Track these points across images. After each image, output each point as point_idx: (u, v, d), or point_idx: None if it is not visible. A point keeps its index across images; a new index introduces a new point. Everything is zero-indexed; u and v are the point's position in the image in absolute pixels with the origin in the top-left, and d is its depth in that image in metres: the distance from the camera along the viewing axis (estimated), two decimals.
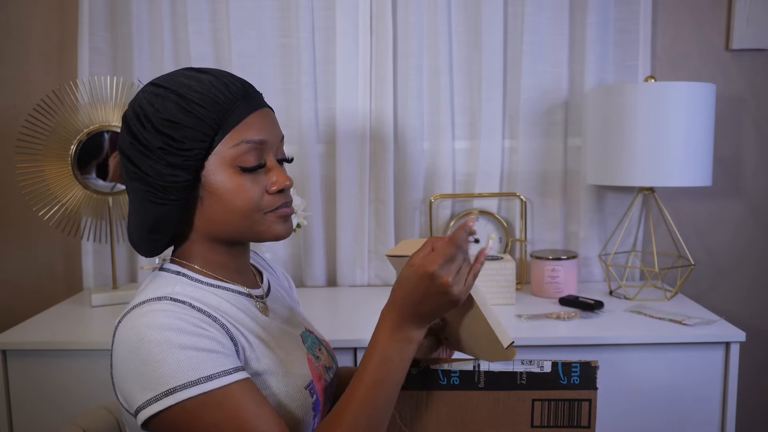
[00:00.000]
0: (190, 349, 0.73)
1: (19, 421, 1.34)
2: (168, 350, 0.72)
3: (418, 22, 1.70)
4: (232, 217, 0.82)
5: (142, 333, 0.73)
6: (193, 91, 0.80)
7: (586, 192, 1.73)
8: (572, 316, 1.43)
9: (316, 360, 0.93)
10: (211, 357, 0.74)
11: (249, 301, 0.89)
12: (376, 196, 1.76)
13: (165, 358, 0.72)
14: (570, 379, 0.84)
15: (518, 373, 0.84)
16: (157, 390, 0.72)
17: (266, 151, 0.84)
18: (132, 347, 0.73)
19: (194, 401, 0.71)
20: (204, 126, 0.80)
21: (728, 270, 1.81)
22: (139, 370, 0.73)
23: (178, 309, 0.76)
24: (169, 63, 1.73)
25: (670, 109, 1.45)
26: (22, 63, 1.79)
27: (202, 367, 0.72)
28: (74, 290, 1.84)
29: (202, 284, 0.85)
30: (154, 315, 0.75)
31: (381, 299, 1.61)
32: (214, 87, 0.81)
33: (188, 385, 0.71)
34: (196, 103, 0.80)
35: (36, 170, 1.58)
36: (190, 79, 0.82)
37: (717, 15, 1.74)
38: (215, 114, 0.80)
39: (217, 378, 0.73)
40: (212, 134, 0.80)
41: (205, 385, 0.72)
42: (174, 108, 0.80)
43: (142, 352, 0.72)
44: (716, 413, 1.32)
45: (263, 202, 0.83)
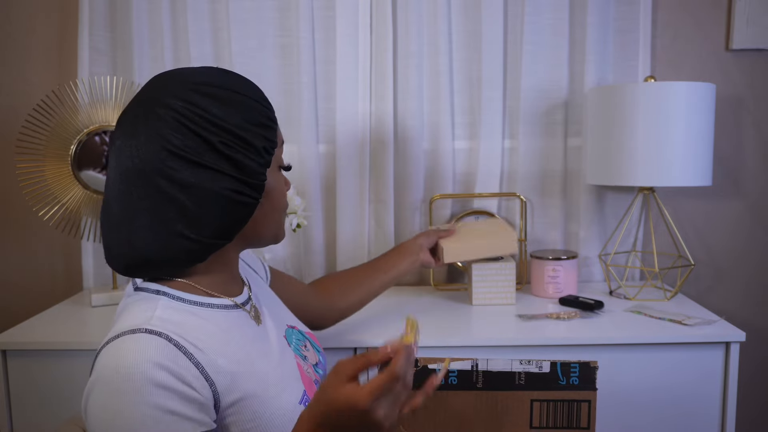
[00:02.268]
0: (149, 407, 0.69)
1: (19, 421, 1.34)
2: (127, 404, 0.69)
3: (418, 22, 1.70)
4: (276, 215, 0.87)
5: (109, 378, 0.70)
6: (251, 89, 0.83)
7: (586, 192, 1.73)
8: (572, 316, 1.43)
9: (304, 361, 0.92)
10: (167, 419, 0.70)
11: (239, 314, 0.86)
12: (376, 196, 1.76)
13: (122, 412, 0.69)
14: (569, 380, 0.84)
15: (517, 373, 0.84)
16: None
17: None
18: (99, 391, 0.71)
19: None
20: (275, 126, 0.85)
21: (728, 270, 1.81)
22: (99, 417, 0.71)
23: (153, 347, 0.71)
24: (169, 63, 1.73)
25: (670, 109, 1.45)
26: (22, 63, 1.79)
27: (156, 429, 0.70)
28: (74, 290, 1.84)
29: (184, 303, 0.80)
30: (125, 356, 0.71)
31: (380, 299, 1.61)
32: (252, 85, 0.85)
33: None
34: (264, 105, 0.83)
35: (36, 170, 1.58)
36: (247, 82, 0.84)
37: (717, 15, 1.74)
38: (273, 116, 0.85)
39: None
40: (277, 131, 0.86)
41: None
42: (259, 109, 0.82)
43: (104, 400, 0.70)
44: (716, 413, 1.32)
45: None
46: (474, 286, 1.54)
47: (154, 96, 0.78)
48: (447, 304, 1.57)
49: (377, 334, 1.33)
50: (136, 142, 0.76)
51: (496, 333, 1.34)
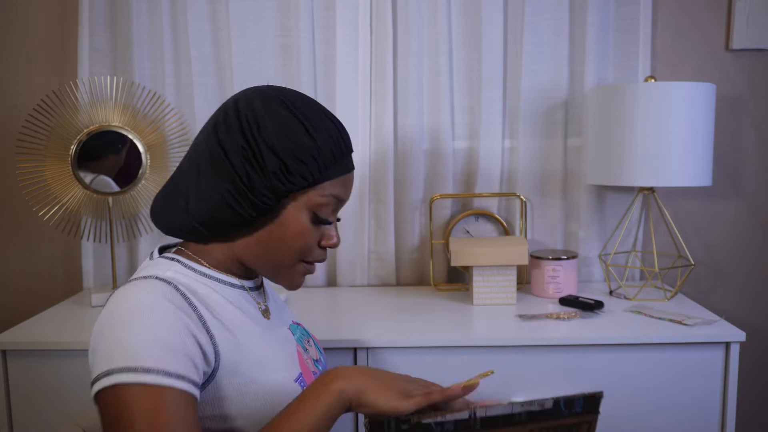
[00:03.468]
0: (145, 336, 0.72)
1: (19, 421, 1.34)
2: (126, 332, 0.72)
3: (418, 22, 1.70)
4: (280, 250, 0.85)
5: (114, 311, 0.75)
6: (320, 129, 0.83)
7: (586, 192, 1.73)
8: (572, 316, 1.43)
9: (305, 352, 0.94)
10: (160, 353, 0.72)
11: (245, 297, 0.90)
12: (376, 196, 1.76)
13: (120, 338, 0.72)
14: (572, 411, 0.83)
15: (517, 413, 0.82)
16: (100, 369, 0.72)
17: (338, 209, 0.89)
18: (102, 323, 0.75)
19: (124, 388, 0.70)
20: (315, 168, 0.83)
21: (728, 270, 1.81)
22: (98, 344, 0.74)
23: (160, 289, 0.77)
24: (169, 63, 1.73)
25: (670, 109, 1.45)
26: (23, 63, 1.79)
27: (146, 358, 0.71)
28: (74, 290, 1.84)
29: (194, 272, 0.85)
30: (132, 294, 0.76)
31: (381, 299, 1.61)
32: (337, 134, 0.85)
33: (124, 369, 0.70)
34: (317, 143, 0.82)
35: (36, 170, 1.58)
36: (320, 116, 0.84)
37: (717, 15, 1.74)
38: (328, 161, 0.83)
39: (155, 374, 0.71)
40: (319, 177, 0.83)
41: (140, 376, 0.70)
42: (302, 140, 0.82)
43: (106, 329, 0.74)
44: (716, 413, 1.32)
45: (313, 252, 0.87)
46: (474, 286, 1.55)
47: (238, 95, 0.87)
48: (447, 304, 1.57)
49: (377, 333, 1.33)
50: (207, 123, 0.87)
51: (497, 333, 1.34)
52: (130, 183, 1.62)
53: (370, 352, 1.31)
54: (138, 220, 1.70)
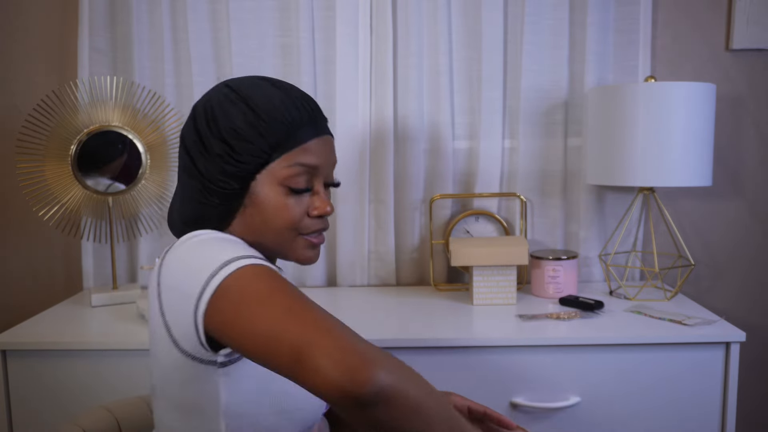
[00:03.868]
0: (237, 245, 0.76)
1: (19, 421, 1.34)
2: (220, 243, 0.76)
3: (418, 22, 1.70)
4: (268, 231, 0.85)
5: (192, 244, 0.76)
6: (263, 105, 0.83)
7: (586, 192, 1.73)
8: (572, 316, 1.43)
9: None
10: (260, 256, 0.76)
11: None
12: (376, 196, 1.76)
13: (216, 246, 0.75)
14: None
15: None
16: (210, 271, 0.72)
17: (317, 177, 0.87)
18: (183, 256, 0.76)
19: (247, 269, 0.71)
20: (264, 143, 0.83)
21: (728, 270, 1.81)
22: (192, 267, 0.73)
23: (225, 234, 0.81)
24: (169, 63, 1.73)
25: (670, 109, 1.46)
26: (23, 63, 1.79)
27: (249, 253, 0.75)
28: (74, 290, 1.84)
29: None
30: (204, 234, 0.79)
31: (381, 299, 1.61)
32: (284, 105, 0.84)
33: (238, 258, 0.73)
34: (262, 119, 0.83)
35: (36, 170, 1.58)
36: (263, 91, 0.85)
37: (717, 15, 1.74)
38: (278, 133, 0.83)
39: (266, 262, 0.75)
40: (270, 151, 0.83)
41: (256, 260, 0.73)
42: (241, 119, 0.83)
43: (192, 253, 0.75)
44: (716, 413, 1.32)
45: (301, 224, 0.86)
46: (475, 286, 1.55)
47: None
48: (447, 304, 1.57)
49: (377, 333, 1.33)
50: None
51: (497, 333, 1.34)
52: (130, 183, 1.62)
53: None
54: (138, 220, 1.70)
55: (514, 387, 1.32)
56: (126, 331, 1.37)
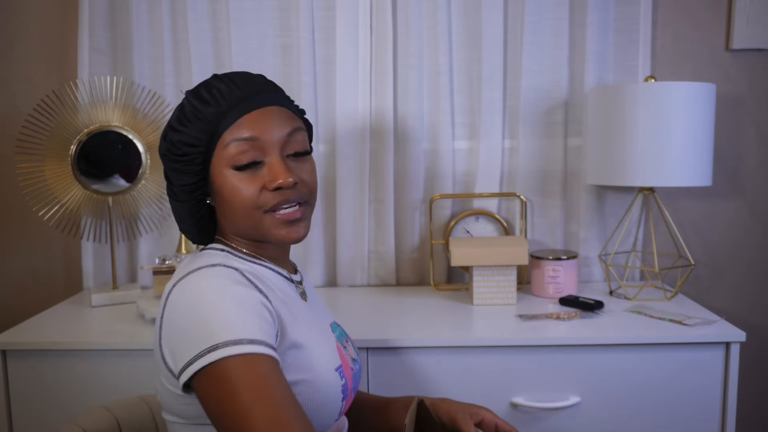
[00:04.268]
0: (240, 311, 0.75)
1: (19, 421, 1.34)
2: (220, 310, 0.75)
3: (418, 22, 1.70)
4: (237, 216, 0.86)
5: (200, 294, 0.77)
6: (194, 99, 0.86)
7: (586, 192, 1.73)
8: (572, 316, 1.43)
9: (344, 349, 0.95)
10: (257, 322, 0.76)
11: (289, 285, 0.92)
12: (376, 196, 1.76)
13: (216, 317, 0.74)
14: None
15: None
16: (202, 347, 0.73)
17: (264, 148, 0.85)
18: (188, 308, 0.76)
19: (231, 361, 0.72)
20: (194, 132, 0.85)
21: (728, 270, 1.81)
22: (191, 329, 0.75)
23: (229, 273, 0.80)
24: (169, 63, 1.73)
25: (670, 109, 1.45)
26: (23, 63, 1.79)
27: (248, 329, 0.74)
28: (74, 290, 1.84)
29: (245, 260, 0.89)
30: (211, 279, 0.78)
31: (381, 299, 1.61)
32: (212, 95, 0.85)
33: (230, 343, 0.73)
34: (190, 112, 0.85)
35: (36, 170, 1.58)
36: (201, 86, 0.87)
37: (717, 15, 1.74)
38: (206, 121, 0.85)
39: (258, 345, 0.74)
40: (205, 140, 0.85)
41: (246, 347, 0.73)
42: (175, 117, 0.87)
43: (196, 313, 0.75)
44: (716, 413, 1.32)
45: (260, 200, 0.85)
46: (475, 286, 1.55)
47: None
48: (447, 304, 1.57)
49: (377, 333, 1.33)
50: None
51: (497, 333, 1.34)
52: (130, 183, 1.62)
53: (370, 352, 1.31)
54: (138, 220, 1.70)
55: (514, 387, 1.32)
56: (126, 331, 1.37)
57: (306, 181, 0.88)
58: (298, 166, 0.87)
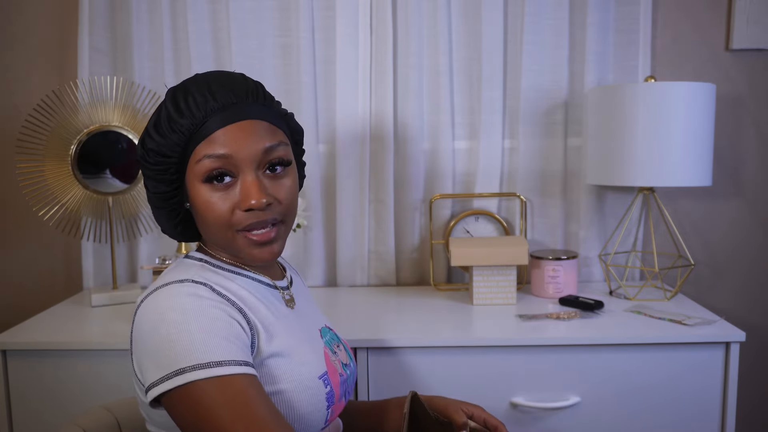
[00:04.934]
0: (205, 333, 0.74)
1: (19, 421, 1.34)
2: (184, 332, 0.74)
3: (418, 22, 1.70)
4: (210, 231, 0.85)
5: (163, 314, 0.75)
6: (171, 105, 0.82)
7: (586, 192, 1.73)
8: (572, 316, 1.43)
9: (333, 355, 0.94)
10: (224, 344, 0.75)
11: (272, 293, 0.91)
12: (376, 196, 1.76)
13: (180, 339, 0.73)
14: None
15: None
16: (168, 369, 0.73)
17: (238, 165, 0.81)
18: (152, 327, 0.75)
19: (200, 384, 0.72)
20: (167, 143, 0.82)
21: (728, 270, 1.81)
22: (155, 349, 0.74)
23: (200, 291, 0.78)
24: (169, 63, 1.73)
25: (670, 109, 1.45)
26: (23, 63, 1.79)
27: (214, 352, 0.73)
28: (74, 290, 1.84)
29: (223, 271, 0.87)
30: (176, 297, 0.77)
31: (381, 299, 1.61)
32: (188, 105, 0.81)
33: (197, 367, 0.72)
34: (165, 120, 0.82)
35: (36, 170, 1.58)
36: (179, 91, 0.83)
37: (717, 15, 1.74)
38: (179, 133, 0.81)
39: (227, 365, 0.73)
40: (178, 151, 0.82)
41: (214, 370, 0.72)
42: (154, 120, 0.84)
43: (161, 332, 0.74)
44: (716, 413, 1.32)
45: (233, 219, 0.82)
46: (475, 286, 1.55)
47: None
48: (447, 304, 1.57)
49: (377, 333, 1.33)
50: None
51: (496, 333, 1.34)
52: (130, 183, 1.62)
53: (370, 352, 1.31)
54: (138, 220, 1.70)
55: (514, 387, 1.32)
56: (126, 331, 1.37)
57: (281, 199, 0.84)
58: (273, 184, 0.83)
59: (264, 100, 0.86)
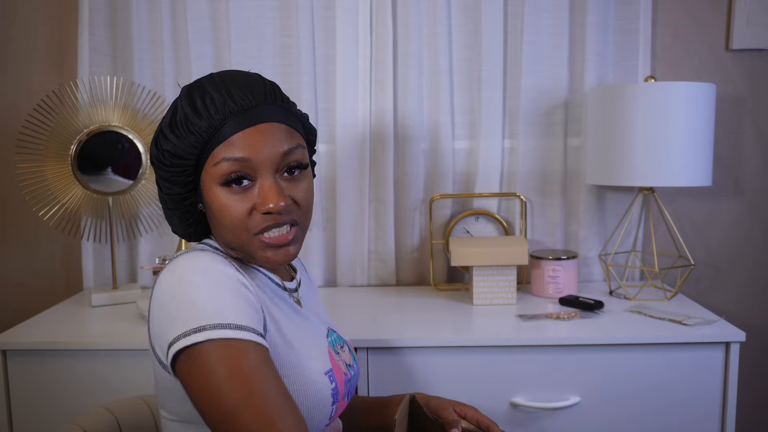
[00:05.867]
0: (227, 295, 0.74)
1: (19, 421, 1.34)
2: (206, 291, 0.74)
3: (418, 22, 1.70)
4: (225, 233, 0.84)
5: (184, 275, 0.75)
6: (187, 106, 0.81)
7: (586, 192, 1.73)
8: (572, 316, 1.43)
9: (337, 355, 0.94)
10: (245, 309, 0.75)
11: (281, 293, 0.91)
12: (376, 196, 1.76)
13: (202, 297, 0.73)
14: None
15: None
16: (188, 326, 0.72)
17: (257, 168, 0.81)
18: (172, 288, 0.75)
19: (219, 344, 0.71)
20: (184, 144, 0.81)
21: (728, 270, 1.81)
22: (176, 307, 0.74)
23: (221, 258, 0.79)
24: (169, 63, 1.73)
25: (670, 109, 1.46)
26: (22, 63, 1.79)
27: (235, 315, 0.73)
28: (74, 290, 1.84)
29: (235, 261, 0.87)
30: (198, 260, 0.77)
31: (381, 299, 1.61)
32: (205, 106, 0.80)
33: (218, 326, 0.72)
34: (182, 121, 0.81)
35: (36, 170, 1.58)
36: (196, 90, 0.82)
37: (717, 15, 1.74)
38: (197, 135, 0.81)
39: (246, 330, 0.73)
40: (195, 153, 0.82)
41: (234, 332, 0.72)
42: (168, 121, 0.83)
43: (180, 291, 0.74)
44: (716, 413, 1.32)
45: (250, 222, 0.82)
46: (475, 286, 1.55)
47: None
48: (447, 304, 1.57)
49: (377, 333, 1.33)
50: None
51: (496, 333, 1.34)
52: (133, 179, 1.62)
53: (370, 352, 1.32)
54: (138, 220, 1.70)
55: (513, 387, 1.32)
56: (126, 331, 1.37)
57: (299, 201, 0.84)
58: (291, 186, 0.84)
59: (281, 102, 0.86)
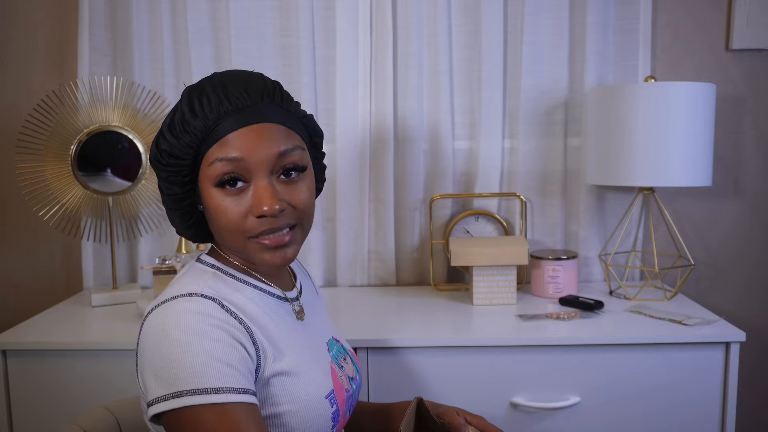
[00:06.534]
0: (207, 357, 0.73)
1: (19, 421, 1.34)
2: (187, 353, 0.72)
3: (418, 22, 1.70)
4: (222, 234, 0.83)
5: (168, 332, 0.74)
6: (185, 105, 0.81)
7: (586, 192, 1.73)
8: (572, 316, 1.43)
9: (340, 369, 0.92)
10: (225, 370, 0.73)
11: (282, 306, 0.89)
12: (376, 196, 1.76)
13: (182, 360, 0.72)
14: None
15: None
16: (167, 390, 0.72)
17: (251, 170, 0.79)
18: (156, 344, 0.74)
19: (197, 409, 0.71)
20: (180, 144, 0.80)
21: (728, 270, 1.81)
22: (157, 365, 0.74)
23: (208, 308, 0.77)
24: (169, 63, 1.73)
25: (670, 109, 1.46)
26: (22, 63, 1.79)
27: (213, 378, 0.72)
28: (74, 290, 1.84)
29: (234, 280, 0.85)
30: (182, 314, 0.75)
31: (381, 299, 1.61)
32: (201, 106, 0.79)
33: (195, 392, 0.71)
34: (179, 121, 0.80)
35: (36, 170, 1.58)
36: (195, 91, 0.81)
37: (717, 15, 1.74)
38: (192, 135, 0.80)
39: (225, 393, 0.72)
40: (191, 153, 0.81)
41: (211, 397, 0.72)
42: (168, 121, 0.82)
43: (163, 351, 0.73)
44: (716, 413, 1.32)
45: (245, 225, 0.80)
46: (475, 286, 1.55)
47: None
48: (447, 304, 1.57)
49: (377, 333, 1.33)
50: None
51: (497, 333, 1.34)
52: (132, 181, 1.62)
53: (370, 352, 1.32)
54: (138, 220, 1.70)
55: (513, 387, 1.32)
56: (126, 331, 1.37)
57: (296, 205, 0.82)
58: (287, 189, 0.81)
59: (281, 102, 0.83)
